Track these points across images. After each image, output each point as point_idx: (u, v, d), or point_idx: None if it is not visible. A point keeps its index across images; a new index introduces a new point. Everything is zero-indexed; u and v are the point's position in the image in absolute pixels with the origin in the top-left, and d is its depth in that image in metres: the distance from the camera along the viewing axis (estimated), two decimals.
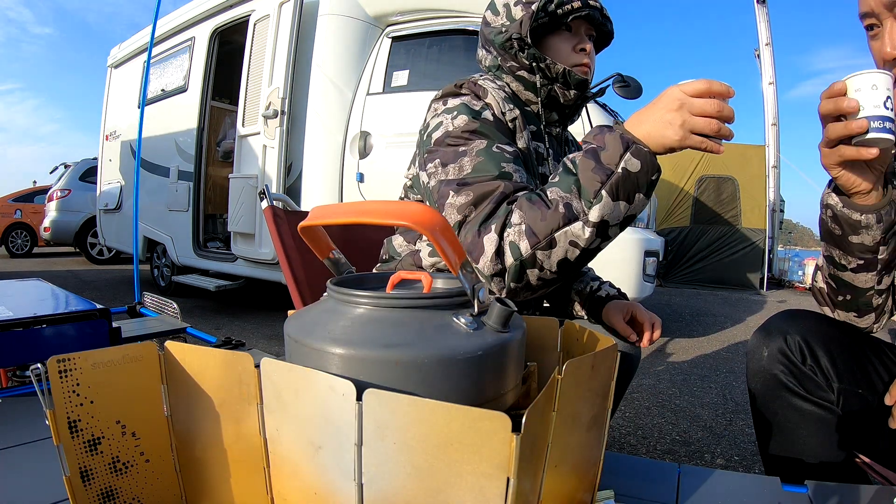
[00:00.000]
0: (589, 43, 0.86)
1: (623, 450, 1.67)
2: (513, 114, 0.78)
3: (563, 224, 0.63)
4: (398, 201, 0.69)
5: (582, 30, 0.86)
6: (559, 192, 0.64)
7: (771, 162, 6.91)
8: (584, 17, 0.83)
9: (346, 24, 3.19)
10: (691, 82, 0.60)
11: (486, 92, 0.78)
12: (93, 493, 0.50)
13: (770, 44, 7.12)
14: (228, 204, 3.58)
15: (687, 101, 0.60)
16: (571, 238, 0.63)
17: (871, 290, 0.77)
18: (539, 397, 0.42)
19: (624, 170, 0.61)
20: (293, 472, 0.47)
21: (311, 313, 0.54)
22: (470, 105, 0.76)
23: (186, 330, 1.71)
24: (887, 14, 0.66)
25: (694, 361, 2.83)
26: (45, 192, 8.26)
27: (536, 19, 0.80)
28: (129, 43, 5.05)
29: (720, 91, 0.60)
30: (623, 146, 0.62)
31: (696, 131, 0.60)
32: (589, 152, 0.64)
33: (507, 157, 0.70)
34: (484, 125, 0.73)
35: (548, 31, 0.84)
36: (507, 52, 0.82)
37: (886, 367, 0.80)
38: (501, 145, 0.72)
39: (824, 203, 0.73)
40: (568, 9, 0.80)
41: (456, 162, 0.71)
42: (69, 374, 0.48)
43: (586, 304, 0.98)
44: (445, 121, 0.76)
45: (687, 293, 6.03)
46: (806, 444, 0.81)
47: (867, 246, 0.73)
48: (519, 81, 0.84)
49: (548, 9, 0.80)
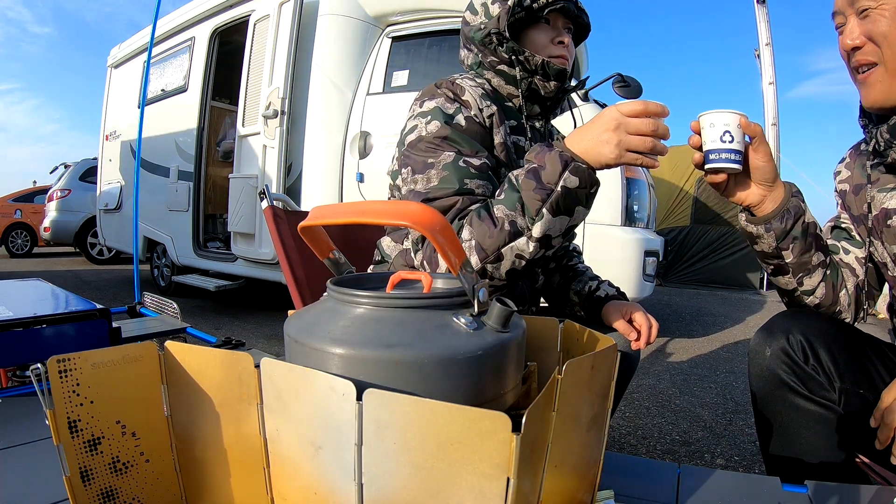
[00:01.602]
0: (566, 35, 0.88)
1: (623, 450, 1.67)
2: (490, 110, 0.80)
3: (509, 240, 0.68)
4: (398, 201, 0.69)
5: (559, 23, 0.88)
6: (505, 209, 0.69)
7: None
8: (559, 9, 0.85)
9: (346, 24, 3.19)
10: (629, 103, 0.64)
11: (464, 90, 0.80)
12: (93, 493, 0.50)
13: (770, 44, 7.12)
14: (228, 204, 3.58)
15: (623, 121, 0.64)
16: (517, 252, 0.69)
17: (796, 292, 0.85)
18: (539, 397, 0.42)
19: (563, 187, 0.66)
20: (293, 472, 0.47)
21: (311, 313, 0.54)
22: (444, 108, 0.78)
23: (186, 330, 1.71)
24: (850, 11, 0.74)
25: (694, 361, 2.83)
26: (45, 192, 8.25)
27: (513, 14, 0.82)
28: (129, 43, 5.04)
29: (656, 111, 0.64)
30: (562, 165, 0.66)
31: (632, 149, 0.64)
32: (530, 172, 0.67)
33: (472, 173, 0.74)
34: (455, 131, 0.76)
35: (525, 26, 0.86)
36: (487, 47, 0.85)
37: (887, 367, 0.80)
38: (468, 158, 0.75)
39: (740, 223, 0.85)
40: (543, 2, 0.83)
41: (424, 173, 0.75)
42: (69, 374, 0.48)
43: (585, 304, 0.98)
44: (420, 125, 0.79)
45: (687, 293, 6.03)
46: (807, 444, 0.81)
47: (768, 252, 0.83)
48: (500, 76, 0.87)
49: (524, 3, 0.82)
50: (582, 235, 2.68)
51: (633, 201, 2.77)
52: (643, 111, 0.64)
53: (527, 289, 0.95)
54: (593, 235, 2.68)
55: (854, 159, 0.92)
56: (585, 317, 0.99)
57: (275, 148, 3.22)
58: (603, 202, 2.68)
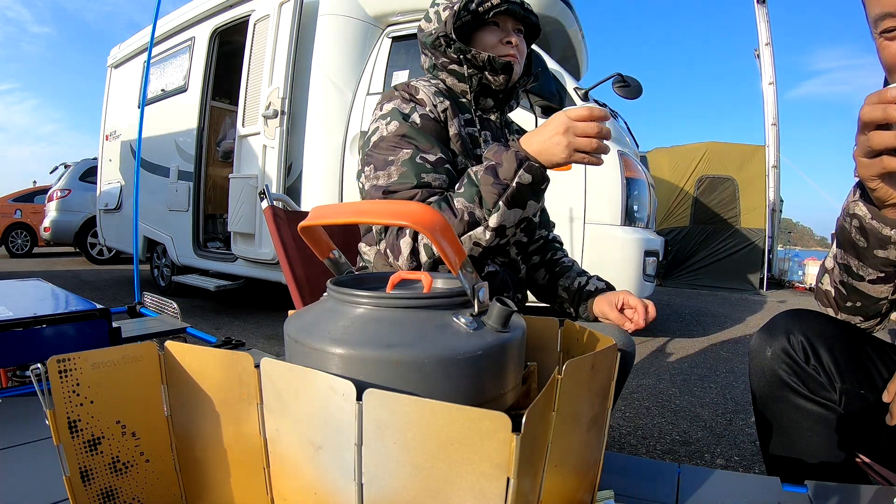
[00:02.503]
0: (515, 36, 0.94)
1: (623, 450, 1.67)
2: (443, 105, 0.87)
3: (468, 230, 0.75)
4: (398, 201, 0.69)
5: (509, 25, 0.94)
6: (464, 202, 0.75)
7: (771, 162, 6.90)
8: (506, 11, 0.92)
9: (346, 24, 3.19)
10: (576, 109, 0.72)
11: (418, 90, 0.88)
12: (93, 493, 0.50)
13: (770, 44, 7.12)
14: (228, 204, 3.58)
15: (572, 125, 0.71)
16: (475, 240, 0.76)
17: (883, 300, 0.76)
18: (539, 397, 0.42)
19: (518, 183, 0.73)
20: (293, 472, 0.47)
21: (311, 313, 0.54)
22: (401, 109, 0.85)
23: (186, 330, 1.71)
24: None
25: (694, 361, 2.83)
26: (45, 192, 8.25)
27: (459, 17, 0.89)
28: (129, 43, 5.04)
29: (599, 115, 0.72)
30: (517, 163, 0.73)
31: (579, 149, 0.72)
32: (489, 169, 0.74)
33: (428, 168, 0.80)
34: (412, 129, 0.83)
35: (475, 29, 0.93)
36: (438, 50, 0.92)
37: (888, 367, 0.80)
38: (424, 154, 0.81)
39: (850, 212, 0.70)
40: (488, 6, 0.90)
41: (385, 169, 0.81)
42: (69, 374, 0.48)
43: (574, 300, 0.98)
44: (381, 126, 0.85)
45: (687, 293, 6.03)
46: (808, 444, 0.81)
47: (892, 261, 0.70)
48: (452, 75, 0.93)
49: (470, 8, 0.89)
50: (582, 235, 2.69)
51: (633, 201, 2.76)
52: (589, 116, 0.71)
53: (509, 278, 0.96)
54: (593, 235, 2.68)
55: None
56: (574, 313, 0.99)
57: (275, 148, 3.22)
58: (603, 202, 2.68)
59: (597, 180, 2.68)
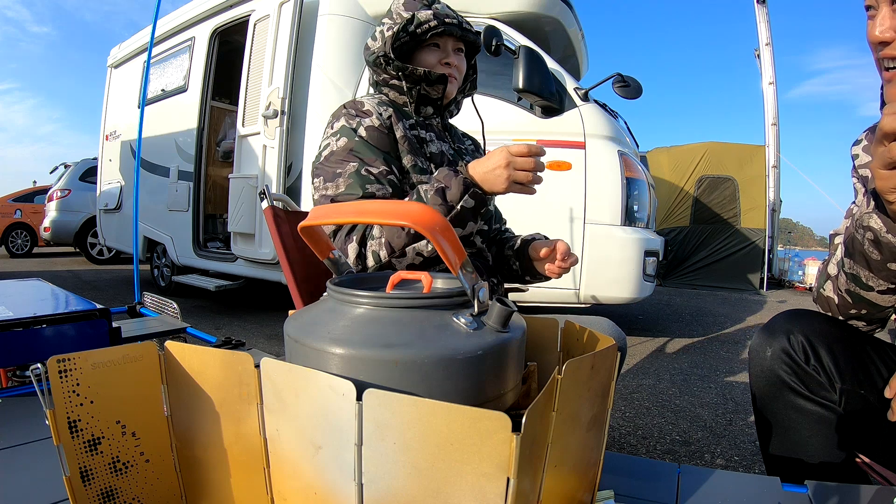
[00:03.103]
0: (454, 56, 1.02)
1: (623, 450, 1.67)
2: (387, 112, 0.95)
3: (412, 242, 0.82)
4: (398, 201, 0.69)
5: (449, 45, 1.02)
6: None
7: (771, 162, 6.90)
8: (442, 32, 0.99)
9: (346, 24, 3.19)
10: (517, 146, 0.81)
11: (363, 104, 0.95)
12: (93, 493, 0.50)
13: (770, 44, 7.12)
14: (228, 204, 3.58)
15: (512, 160, 0.80)
16: (418, 251, 0.83)
17: (889, 308, 0.76)
18: (539, 397, 0.42)
19: (462, 206, 0.82)
20: (293, 472, 0.47)
21: (311, 313, 0.54)
22: (348, 124, 0.92)
23: (186, 330, 1.71)
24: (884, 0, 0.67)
25: (694, 361, 2.83)
26: (45, 192, 8.25)
27: (398, 38, 0.97)
28: (129, 43, 5.04)
29: (536, 152, 0.81)
30: (464, 189, 0.81)
31: (517, 181, 0.81)
32: (438, 190, 0.83)
33: (372, 179, 0.87)
34: (359, 143, 0.90)
35: (415, 49, 1.01)
36: (380, 67, 1.00)
37: (889, 367, 0.80)
38: (369, 167, 0.88)
39: (864, 224, 0.69)
40: (425, 28, 0.97)
41: (333, 181, 0.88)
42: (69, 374, 0.48)
43: (518, 254, 1.06)
44: (332, 142, 0.92)
45: (687, 293, 6.03)
46: (808, 444, 0.81)
47: None
48: (393, 89, 1.02)
49: (408, 29, 0.97)
50: (582, 235, 2.68)
51: (633, 201, 2.76)
52: (528, 152, 0.81)
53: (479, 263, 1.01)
54: (593, 235, 2.68)
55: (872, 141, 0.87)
56: (520, 268, 1.06)
57: (275, 148, 3.22)
58: (603, 202, 2.68)
59: (597, 180, 2.68)
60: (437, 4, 1.01)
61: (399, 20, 0.97)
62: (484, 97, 2.87)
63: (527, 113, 2.78)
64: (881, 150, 0.57)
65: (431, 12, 0.98)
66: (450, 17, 1.00)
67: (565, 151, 2.71)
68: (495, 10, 3.00)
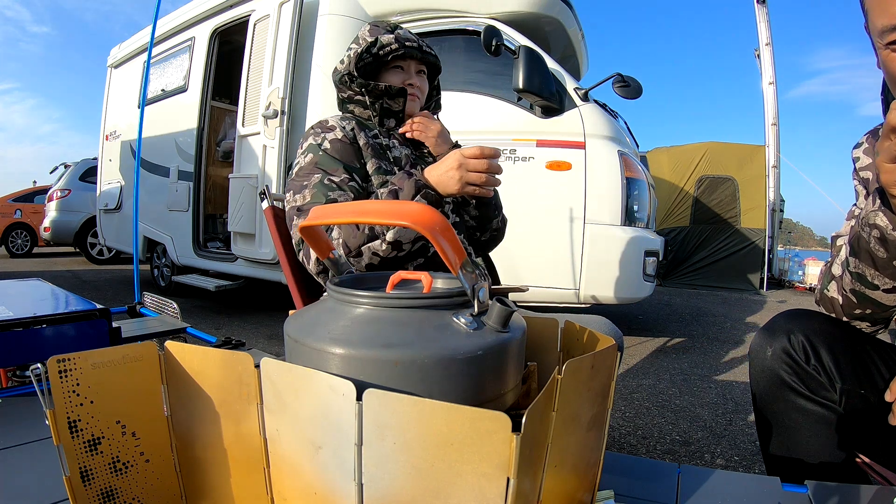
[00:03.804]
0: (415, 78, 1.08)
1: (623, 450, 1.67)
2: (350, 125, 1.01)
3: (367, 241, 0.85)
4: (398, 201, 0.69)
5: (412, 67, 1.08)
6: None
7: (771, 162, 6.90)
8: (404, 55, 1.05)
9: (346, 24, 3.19)
10: (470, 148, 0.85)
11: (328, 121, 1.02)
12: (93, 493, 0.50)
13: (770, 44, 7.12)
14: (228, 204, 3.58)
15: (465, 162, 0.84)
16: (374, 251, 0.85)
17: (894, 307, 0.75)
18: (539, 397, 0.42)
19: None
20: (293, 472, 0.47)
21: (311, 313, 0.54)
22: (314, 141, 0.98)
23: (186, 330, 1.71)
24: None
25: (694, 361, 2.83)
26: (45, 192, 8.24)
27: (361, 59, 1.03)
28: (129, 43, 5.04)
29: (490, 154, 0.85)
30: (416, 190, 0.84)
31: (471, 182, 0.85)
32: (391, 192, 0.86)
33: (333, 187, 0.92)
34: (323, 157, 0.96)
35: (380, 69, 1.07)
36: (345, 84, 1.06)
37: (889, 367, 0.80)
38: (331, 177, 0.93)
39: (870, 223, 0.68)
40: (387, 50, 1.03)
41: (301, 192, 0.94)
42: (69, 374, 0.48)
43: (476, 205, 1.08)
44: (301, 160, 0.99)
45: (687, 293, 6.02)
46: (808, 444, 0.81)
47: None
48: (358, 105, 1.08)
49: (372, 51, 1.03)
50: (582, 235, 2.68)
51: (633, 201, 2.76)
52: (480, 154, 0.84)
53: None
54: (593, 235, 2.67)
55: (873, 144, 0.84)
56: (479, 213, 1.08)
57: (275, 148, 3.22)
58: (603, 202, 2.68)
59: (597, 180, 2.68)
60: (399, 30, 1.07)
61: (363, 43, 1.04)
62: (484, 97, 2.87)
63: (527, 113, 2.78)
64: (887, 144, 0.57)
65: (393, 36, 1.04)
66: (410, 41, 1.06)
67: (565, 151, 2.71)
68: (495, 10, 2.99)
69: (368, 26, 1.07)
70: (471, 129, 2.83)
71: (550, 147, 2.73)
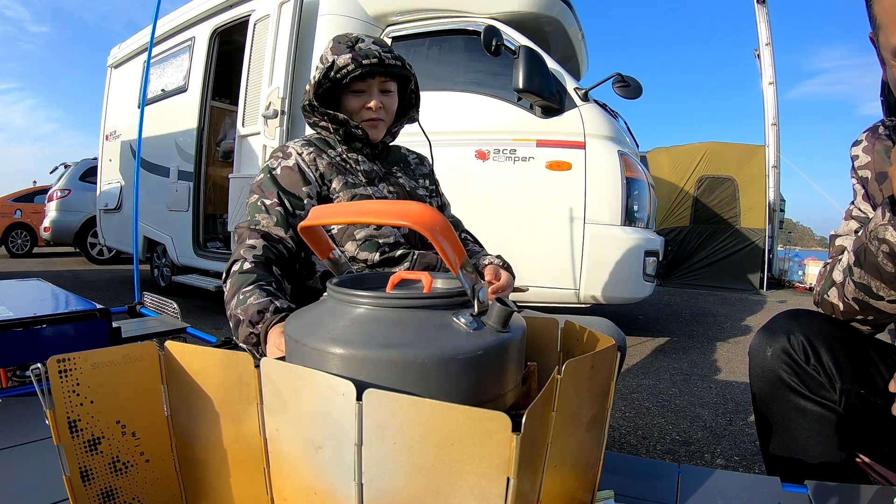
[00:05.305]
0: (375, 98, 1.02)
1: (623, 450, 1.67)
2: (308, 149, 1.01)
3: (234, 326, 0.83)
4: (398, 201, 0.69)
5: (374, 87, 1.02)
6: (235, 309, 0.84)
7: (771, 162, 6.90)
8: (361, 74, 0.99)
9: (346, 24, 3.19)
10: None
11: (287, 147, 1.02)
12: (93, 493, 0.50)
13: (770, 44, 7.12)
14: (228, 204, 3.58)
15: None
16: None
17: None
18: (539, 397, 0.42)
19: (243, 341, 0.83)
20: (293, 472, 0.47)
21: (311, 313, 0.54)
22: (270, 165, 1.00)
23: (186, 330, 1.71)
24: None
25: (694, 361, 2.83)
26: (45, 192, 8.24)
27: (321, 86, 1.00)
28: (129, 43, 5.04)
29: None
30: (244, 340, 0.81)
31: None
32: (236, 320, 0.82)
33: (262, 209, 0.94)
34: (268, 179, 0.98)
35: (340, 93, 1.04)
36: (308, 112, 1.04)
37: (889, 367, 0.80)
38: (264, 199, 0.95)
39: (879, 236, 0.68)
40: (344, 73, 0.98)
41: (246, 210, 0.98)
42: (69, 374, 0.48)
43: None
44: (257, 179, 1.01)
45: (687, 293, 6.02)
46: (808, 444, 0.81)
47: None
48: (323, 130, 1.07)
49: (329, 76, 0.99)
50: (582, 235, 2.68)
51: (633, 201, 2.76)
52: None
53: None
54: (593, 235, 2.67)
55: (872, 143, 0.83)
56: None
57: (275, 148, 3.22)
58: (603, 202, 2.68)
59: (597, 180, 2.68)
60: (360, 44, 0.99)
61: (323, 66, 1.00)
62: (484, 97, 2.87)
63: (527, 113, 2.78)
64: None
65: (350, 55, 0.97)
66: (370, 57, 0.98)
67: (565, 151, 2.71)
68: (495, 10, 2.99)
69: (332, 43, 1.01)
70: (471, 129, 2.84)
71: (550, 147, 2.73)
